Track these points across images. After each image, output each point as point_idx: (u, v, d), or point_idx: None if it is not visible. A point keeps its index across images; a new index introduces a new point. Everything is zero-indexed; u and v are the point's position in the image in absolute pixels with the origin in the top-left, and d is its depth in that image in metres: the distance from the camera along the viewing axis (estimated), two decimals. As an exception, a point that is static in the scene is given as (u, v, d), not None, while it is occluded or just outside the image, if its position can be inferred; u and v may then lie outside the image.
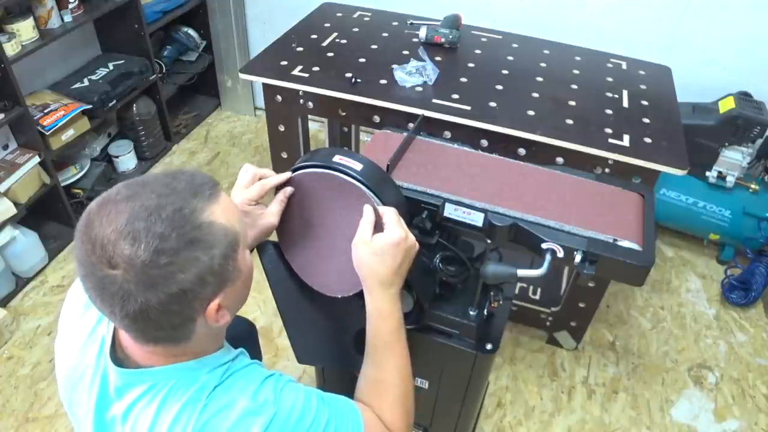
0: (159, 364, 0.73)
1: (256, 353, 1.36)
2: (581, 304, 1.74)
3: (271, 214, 0.93)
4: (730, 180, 2.04)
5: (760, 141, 2.00)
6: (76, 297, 0.84)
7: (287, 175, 0.94)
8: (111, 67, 2.38)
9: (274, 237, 1.04)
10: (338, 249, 0.95)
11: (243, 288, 0.75)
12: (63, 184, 2.22)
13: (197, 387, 0.73)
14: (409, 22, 1.97)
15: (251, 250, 0.95)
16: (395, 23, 1.99)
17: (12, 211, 1.94)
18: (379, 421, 0.85)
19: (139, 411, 0.73)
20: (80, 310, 0.82)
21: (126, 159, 2.54)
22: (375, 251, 0.84)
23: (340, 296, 0.98)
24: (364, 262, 0.86)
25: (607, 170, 1.45)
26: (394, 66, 1.66)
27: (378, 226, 0.87)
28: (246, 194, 0.92)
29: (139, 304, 0.62)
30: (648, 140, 1.46)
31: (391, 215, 0.86)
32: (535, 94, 1.62)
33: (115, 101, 2.32)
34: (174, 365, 0.73)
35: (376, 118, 1.61)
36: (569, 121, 1.51)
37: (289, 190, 0.93)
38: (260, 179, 0.94)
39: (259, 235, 0.93)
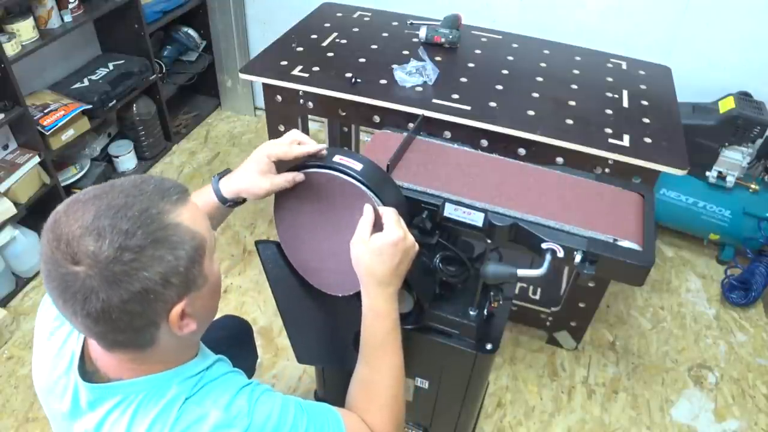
0: (128, 377, 0.72)
1: (251, 353, 1.36)
2: (581, 304, 1.74)
3: (272, 184, 0.89)
4: (730, 180, 2.04)
5: (760, 141, 2.00)
6: (47, 311, 0.83)
7: (319, 147, 0.91)
8: (111, 67, 2.38)
9: (274, 237, 1.04)
10: (339, 248, 0.95)
11: (210, 297, 0.73)
12: (63, 184, 2.22)
13: (167, 399, 0.71)
14: (409, 22, 1.97)
15: (235, 204, 0.93)
16: (395, 23, 1.99)
17: (12, 211, 1.94)
18: (363, 425, 0.84)
19: (111, 425, 0.72)
20: (51, 324, 0.81)
21: (126, 159, 2.54)
22: (373, 250, 0.84)
23: (341, 295, 0.98)
24: (361, 261, 0.85)
25: (607, 170, 1.45)
26: (394, 66, 1.66)
27: (377, 226, 0.87)
28: (274, 149, 0.90)
29: (101, 303, 0.61)
30: (648, 140, 1.46)
31: (390, 215, 0.86)
32: (535, 94, 1.62)
33: (115, 101, 2.32)
34: (143, 378, 0.72)
35: (376, 118, 1.61)
36: (569, 121, 1.51)
37: (299, 176, 0.91)
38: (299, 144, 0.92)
39: (245, 192, 0.91)
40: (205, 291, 0.71)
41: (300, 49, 1.79)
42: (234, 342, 1.27)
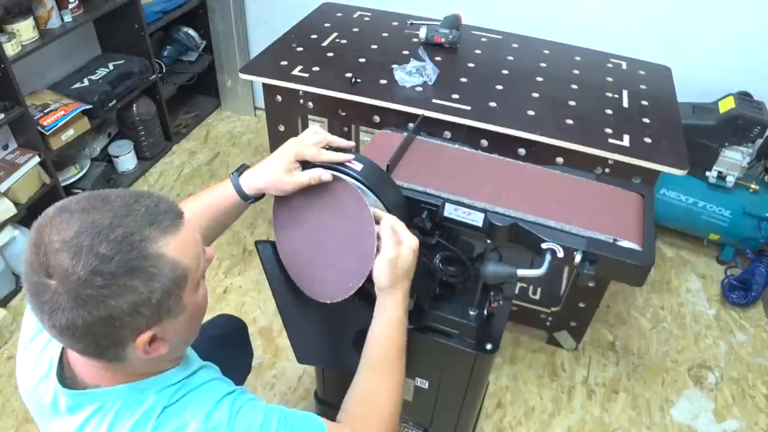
0: (106, 384, 0.72)
1: (245, 352, 1.36)
2: (581, 304, 1.74)
3: (296, 182, 0.89)
4: (730, 180, 2.04)
5: (760, 141, 2.00)
6: (29, 315, 0.83)
7: (347, 157, 0.91)
8: (111, 67, 2.38)
9: (274, 237, 1.04)
10: (333, 251, 0.95)
11: (187, 324, 0.71)
12: (63, 184, 2.22)
13: (144, 409, 0.70)
14: (409, 22, 1.97)
15: (255, 200, 0.93)
16: (395, 23, 1.99)
17: (12, 211, 1.94)
18: None
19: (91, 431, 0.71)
20: (33, 329, 0.81)
21: (126, 159, 2.54)
22: (403, 266, 0.88)
23: (329, 302, 0.97)
24: (388, 277, 0.88)
25: (607, 170, 1.45)
26: (394, 66, 1.66)
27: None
28: (303, 148, 0.89)
29: (66, 320, 0.61)
30: (648, 140, 1.46)
31: (385, 232, 0.87)
32: (535, 94, 1.62)
33: (115, 101, 2.32)
34: (121, 386, 0.71)
35: (376, 118, 1.61)
36: (569, 121, 1.51)
37: (326, 175, 0.89)
38: (327, 145, 0.92)
39: (272, 189, 0.91)
40: (182, 319, 0.69)
41: (300, 49, 1.79)
42: (228, 341, 1.27)
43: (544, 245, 0.93)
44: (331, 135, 0.94)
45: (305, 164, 0.91)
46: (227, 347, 1.24)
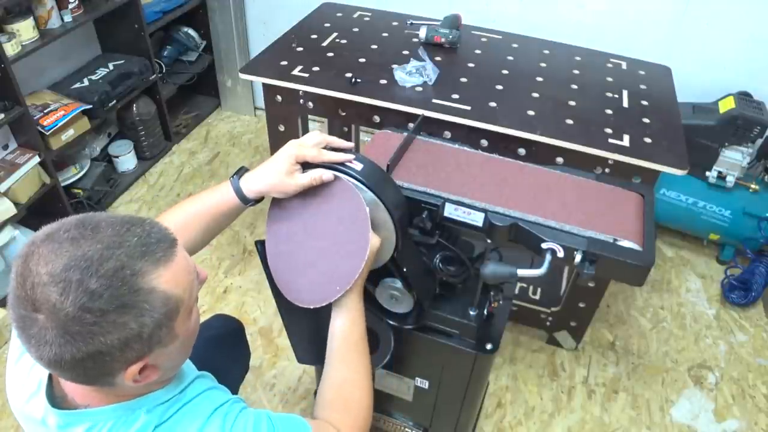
0: (95, 404, 0.71)
1: (243, 352, 1.36)
2: (581, 304, 1.74)
3: (297, 184, 0.90)
4: (730, 180, 2.04)
5: (760, 141, 2.00)
6: (16, 338, 0.81)
7: (347, 157, 0.91)
8: (111, 67, 2.38)
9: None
10: (322, 254, 0.94)
11: (179, 351, 0.71)
12: (63, 184, 2.22)
13: (135, 429, 0.70)
14: (409, 22, 1.97)
15: (255, 202, 0.93)
16: (395, 23, 1.99)
17: (12, 211, 1.94)
18: (331, 428, 0.85)
19: None
20: (20, 348, 0.80)
21: (126, 159, 2.54)
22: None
23: (312, 307, 0.95)
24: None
25: (607, 170, 1.45)
26: (394, 66, 1.66)
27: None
28: (304, 150, 0.89)
29: (54, 354, 0.59)
30: (648, 140, 1.46)
31: None
32: (535, 94, 1.62)
33: (115, 101, 2.32)
34: (110, 406, 0.71)
35: (376, 118, 1.61)
36: (569, 121, 1.51)
37: (327, 176, 0.90)
38: (327, 146, 0.93)
39: (274, 192, 0.92)
40: (173, 348, 0.68)
41: (300, 49, 1.79)
42: (225, 342, 1.27)
43: (544, 245, 0.93)
44: (330, 137, 0.94)
45: (305, 166, 0.91)
46: (224, 348, 1.24)
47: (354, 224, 0.89)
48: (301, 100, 1.67)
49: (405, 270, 1.00)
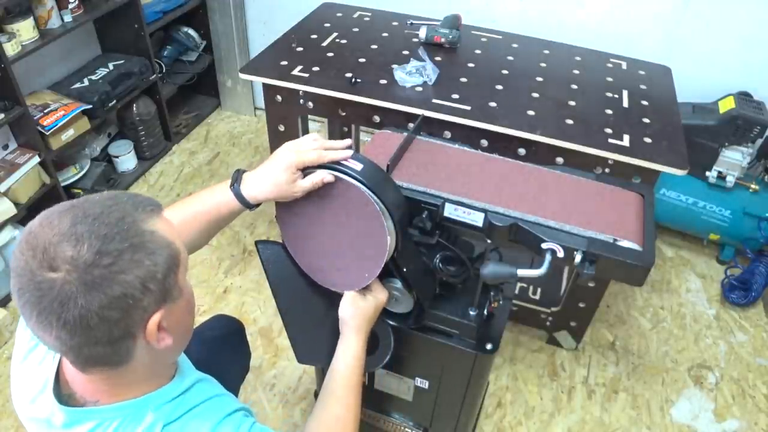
0: (104, 401, 0.71)
1: (243, 352, 1.36)
2: (581, 304, 1.74)
3: (301, 187, 0.90)
4: (730, 180, 2.04)
5: (760, 141, 2.00)
6: (23, 334, 0.82)
7: (347, 153, 0.92)
8: (111, 67, 2.38)
9: (274, 237, 1.04)
10: (340, 246, 0.95)
11: (185, 312, 0.72)
12: (63, 184, 2.22)
13: (144, 427, 0.70)
14: (409, 22, 1.97)
15: (257, 205, 0.95)
16: (395, 23, 1.99)
17: (12, 211, 1.94)
18: None
19: None
20: (26, 346, 0.80)
21: (126, 159, 2.54)
22: (367, 311, 1.01)
23: (346, 292, 1.01)
24: (353, 319, 1.00)
25: (607, 170, 1.45)
26: (394, 66, 1.66)
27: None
28: (303, 156, 0.89)
29: (79, 309, 0.60)
30: (648, 140, 1.46)
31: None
32: (535, 94, 1.62)
33: (115, 101, 2.32)
34: (117, 404, 0.71)
35: (376, 118, 1.61)
36: (569, 121, 1.51)
37: (328, 177, 0.90)
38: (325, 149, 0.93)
39: (279, 200, 0.93)
40: (181, 304, 0.70)
41: (300, 49, 1.79)
42: (226, 342, 1.27)
43: (544, 245, 0.93)
44: (327, 140, 0.95)
45: (305, 168, 0.92)
46: (225, 349, 1.24)
47: (366, 217, 0.90)
48: (301, 100, 1.67)
49: (405, 270, 1.00)
